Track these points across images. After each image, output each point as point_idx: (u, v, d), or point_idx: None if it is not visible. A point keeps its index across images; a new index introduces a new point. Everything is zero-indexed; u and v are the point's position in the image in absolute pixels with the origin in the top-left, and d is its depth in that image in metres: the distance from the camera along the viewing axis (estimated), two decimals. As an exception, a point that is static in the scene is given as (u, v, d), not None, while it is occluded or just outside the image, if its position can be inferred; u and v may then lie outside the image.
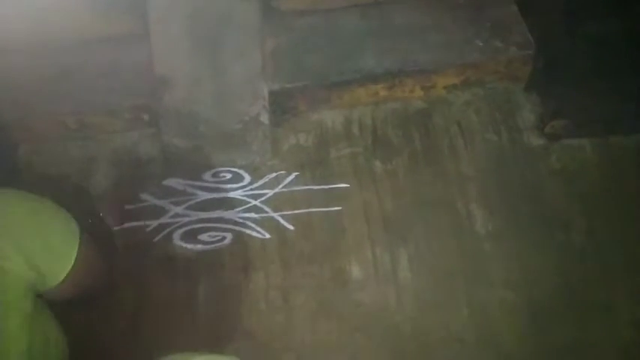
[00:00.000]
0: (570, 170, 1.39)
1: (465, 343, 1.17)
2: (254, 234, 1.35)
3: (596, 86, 1.51)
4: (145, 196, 1.41)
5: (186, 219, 1.38)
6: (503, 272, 1.26)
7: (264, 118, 1.47)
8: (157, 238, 1.35)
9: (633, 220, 1.29)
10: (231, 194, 1.42)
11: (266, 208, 1.39)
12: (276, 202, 1.39)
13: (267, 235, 1.34)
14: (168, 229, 1.36)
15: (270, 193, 1.41)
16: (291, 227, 1.35)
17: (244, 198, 1.41)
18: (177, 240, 1.35)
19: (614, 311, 1.19)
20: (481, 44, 1.51)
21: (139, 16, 1.45)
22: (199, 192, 1.42)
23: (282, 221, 1.36)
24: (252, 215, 1.38)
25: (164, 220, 1.38)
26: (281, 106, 1.51)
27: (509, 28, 1.53)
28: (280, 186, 1.42)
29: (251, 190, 1.42)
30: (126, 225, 1.37)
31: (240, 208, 1.39)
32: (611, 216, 1.30)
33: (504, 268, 1.26)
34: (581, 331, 1.18)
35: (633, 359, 1.14)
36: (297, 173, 1.43)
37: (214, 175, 1.44)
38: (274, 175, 1.43)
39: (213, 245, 1.33)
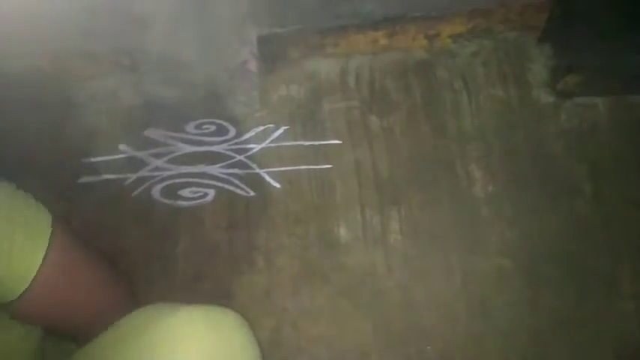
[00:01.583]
0: (580, 131, 1.28)
1: (456, 312, 1.12)
2: (238, 191, 1.27)
3: (617, 40, 1.37)
4: (123, 147, 1.33)
5: (167, 173, 1.30)
6: (500, 239, 1.18)
7: (252, 65, 1.36)
8: (135, 193, 1.28)
9: (646, 187, 1.20)
10: (215, 148, 1.33)
11: (251, 164, 1.30)
12: (262, 158, 1.30)
13: (252, 193, 1.27)
14: (147, 183, 1.29)
15: (256, 147, 1.32)
16: (277, 185, 1.27)
17: (229, 152, 1.32)
18: (156, 195, 1.27)
19: (615, 284, 1.13)
20: (492, -12, 1.36)
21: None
22: (181, 144, 1.33)
23: (268, 178, 1.28)
24: (237, 171, 1.30)
25: (143, 173, 1.30)
26: (271, 52, 1.39)
27: (525, -29, 1.38)
28: (267, 140, 1.33)
29: (236, 144, 1.33)
30: (103, 177, 1.29)
31: (224, 163, 1.31)
32: (620, 183, 1.21)
33: (502, 235, 1.18)
34: (580, 302, 1.11)
35: (632, 333, 1.08)
36: (286, 127, 1.33)
37: (197, 126, 1.35)
38: (261, 128, 1.34)
39: (194, 202, 1.26)
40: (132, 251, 1.21)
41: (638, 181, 1.22)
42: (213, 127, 1.35)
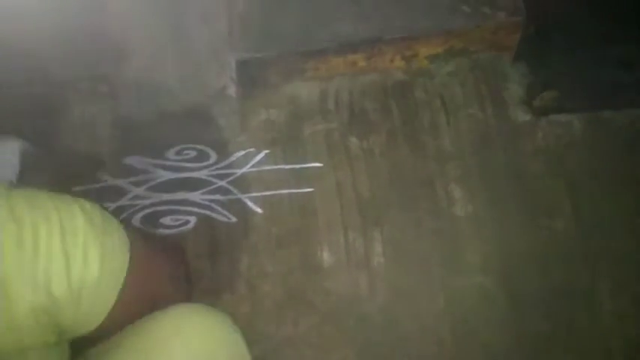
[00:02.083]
0: (557, 149, 1.30)
1: (439, 334, 1.12)
2: (220, 217, 1.26)
3: (589, 56, 1.41)
4: (102, 175, 1.32)
5: (148, 201, 1.29)
6: (481, 258, 1.19)
7: (232, 90, 1.37)
8: (115, 222, 1.26)
9: (621, 205, 1.22)
10: (196, 174, 1.32)
11: (233, 190, 1.30)
12: (243, 183, 1.30)
13: (234, 219, 1.26)
14: (127, 212, 1.27)
15: (237, 172, 1.32)
16: (259, 210, 1.27)
17: (210, 178, 1.31)
18: (137, 223, 1.26)
19: (596, 300, 1.14)
20: (467, 10, 1.39)
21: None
22: (162, 171, 1.33)
23: (249, 203, 1.28)
24: (218, 197, 1.29)
25: (123, 202, 1.29)
26: (250, 77, 1.40)
27: (498, -8, 1.41)
28: (249, 165, 1.33)
29: (217, 169, 1.32)
30: (82, 207, 1.27)
31: (206, 190, 1.30)
32: (598, 200, 1.23)
33: (483, 254, 1.19)
34: (562, 320, 1.12)
35: (615, 350, 1.09)
36: (267, 151, 1.34)
37: (178, 152, 1.34)
38: (242, 153, 1.34)
39: (176, 229, 1.25)
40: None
41: (615, 197, 1.24)
42: (193, 153, 1.34)
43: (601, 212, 1.22)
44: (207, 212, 1.27)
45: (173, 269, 0.87)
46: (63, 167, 1.32)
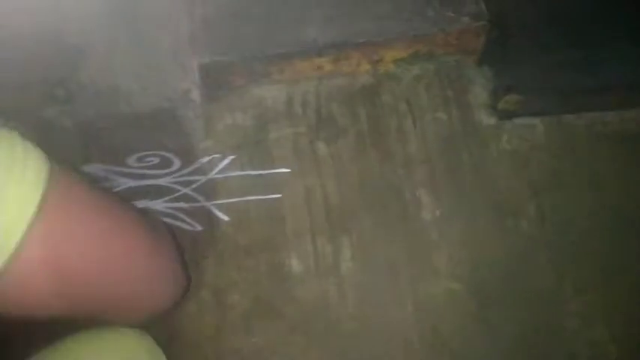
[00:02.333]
0: (521, 152, 1.32)
1: (409, 340, 1.11)
2: (184, 226, 1.23)
3: (552, 60, 1.44)
4: (60, 183, 1.26)
5: (108, 210, 1.24)
6: (449, 262, 1.19)
7: (195, 94, 1.33)
8: (74, 232, 1.21)
9: (584, 207, 1.24)
10: (159, 181, 1.28)
11: (198, 197, 1.26)
12: (209, 190, 1.27)
13: (199, 227, 1.23)
14: (87, 222, 1.22)
15: (202, 179, 1.28)
16: (225, 218, 1.24)
17: (173, 185, 1.27)
18: (97, 234, 1.21)
19: (561, 302, 1.16)
20: (432, 14, 1.40)
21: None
22: (123, 179, 1.28)
23: (215, 211, 1.25)
24: (182, 205, 1.25)
25: (82, 211, 1.23)
26: (214, 80, 1.36)
27: (462, -3, 1.42)
28: (214, 171, 1.29)
29: (181, 176, 1.28)
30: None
31: (169, 197, 1.26)
32: (561, 202, 1.25)
33: (451, 258, 1.20)
34: (529, 322, 1.14)
35: (580, 353, 1.11)
36: (232, 156, 1.31)
37: (139, 159, 1.30)
38: (207, 159, 1.30)
39: (138, 239, 1.20)
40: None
41: (578, 199, 1.27)
42: (156, 160, 1.30)
43: (565, 214, 1.24)
44: (171, 221, 1.23)
45: (172, 251, 0.68)
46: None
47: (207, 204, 1.26)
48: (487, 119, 1.38)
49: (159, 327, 1.08)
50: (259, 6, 1.40)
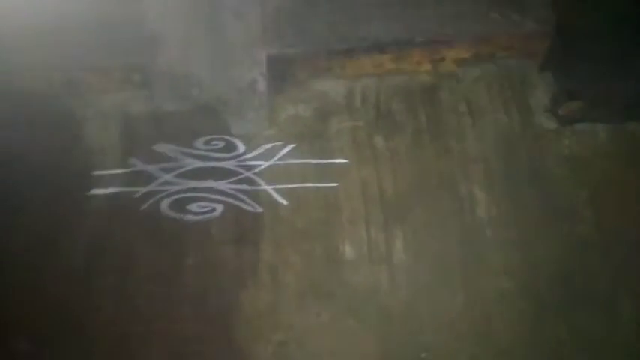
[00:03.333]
0: (581, 157, 1.32)
1: (457, 330, 1.13)
2: (245, 207, 1.29)
3: (616, 69, 1.42)
4: (133, 160, 1.35)
5: (176, 187, 1.32)
6: (502, 260, 1.20)
7: (262, 84, 1.39)
8: (144, 206, 1.29)
9: (643, 214, 1.23)
10: (223, 164, 1.35)
11: (259, 181, 1.32)
12: (270, 175, 1.33)
13: (259, 209, 1.28)
14: (156, 197, 1.30)
15: (264, 164, 1.34)
16: (284, 202, 1.29)
17: (237, 169, 1.34)
18: (165, 209, 1.29)
19: (615, 307, 1.14)
20: (497, 16, 1.41)
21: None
22: (190, 159, 1.36)
23: (275, 195, 1.30)
24: (245, 187, 1.32)
25: (153, 187, 1.32)
26: (280, 73, 1.43)
27: (528, 1, 1.43)
28: (275, 158, 1.35)
29: (244, 160, 1.35)
30: (113, 190, 1.31)
31: (232, 179, 1.33)
32: (619, 208, 1.24)
33: (504, 256, 1.21)
34: (579, 325, 1.13)
35: (634, 356, 1.09)
36: (293, 145, 1.36)
37: (206, 142, 1.37)
38: (270, 146, 1.36)
39: (202, 216, 1.28)
40: (139, 264, 1.22)
41: (636, 208, 1.25)
42: (221, 144, 1.37)
43: (621, 221, 1.23)
44: (234, 201, 1.29)
45: None
46: (92, 153, 1.36)
47: (268, 188, 1.31)
48: (547, 123, 1.38)
49: (218, 300, 1.15)
50: (327, 3, 1.45)
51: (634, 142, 1.34)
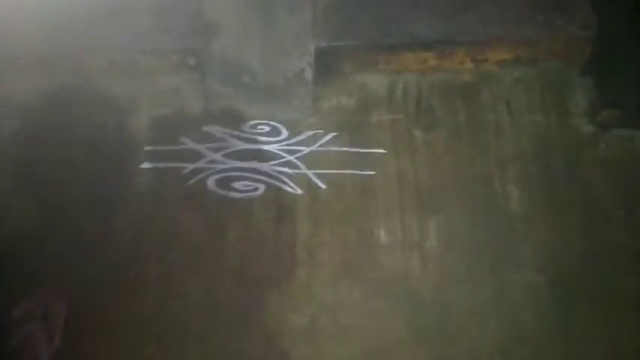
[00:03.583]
0: (617, 161, 1.34)
1: (485, 318, 1.17)
2: (286, 188, 1.36)
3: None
4: (184, 139, 1.43)
5: (222, 166, 1.40)
6: (533, 255, 1.24)
7: (308, 74, 1.46)
8: (191, 181, 1.37)
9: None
10: (268, 147, 1.42)
11: (300, 165, 1.39)
12: (311, 160, 1.39)
13: (299, 191, 1.35)
14: (203, 174, 1.38)
15: (305, 150, 1.41)
16: (323, 186, 1.36)
17: (280, 152, 1.41)
18: (211, 185, 1.37)
19: (642, 308, 1.16)
20: (541, 20, 1.45)
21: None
22: (237, 141, 1.43)
23: (315, 179, 1.37)
24: (287, 170, 1.39)
25: (200, 164, 1.40)
26: (326, 64, 1.49)
27: (572, 5, 1.46)
28: (317, 144, 1.42)
29: (287, 145, 1.42)
30: (164, 164, 1.40)
31: (276, 162, 1.40)
32: (654, 212, 1.25)
33: (535, 252, 1.24)
34: (607, 323, 1.15)
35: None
36: (334, 134, 1.42)
37: (253, 126, 1.45)
38: (312, 133, 1.43)
39: (245, 194, 1.35)
40: (183, 235, 1.30)
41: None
42: (267, 128, 1.45)
43: (656, 225, 1.25)
44: (276, 182, 1.37)
45: None
46: (145, 130, 1.45)
47: (308, 172, 1.38)
48: (586, 127, 1.41)
49: (257, 272, 1.22)
50: (374, 1, 1.51)
51: (671, 150, 1.35)
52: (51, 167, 1.38)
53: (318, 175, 1.37)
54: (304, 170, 1.39)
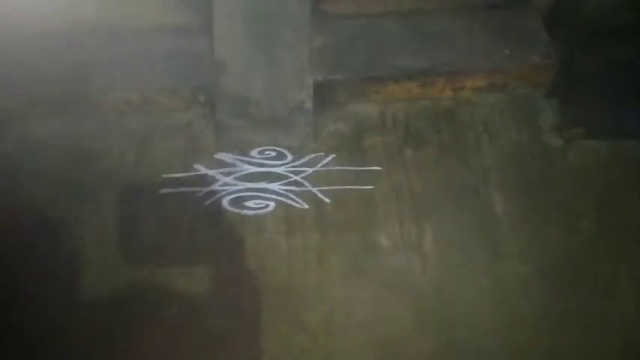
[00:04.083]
0: (585, 168, 1.52)
1: (482, 306, 1.30)
2: (294, 204, 1.50)
3: (610, 98, 1.66)
4: (197, 166, 1.58)
5: (234, 187, 1.54)
6: (519, 249, 1.39)
7: (308, 105, 1.64)
8: (207, 202, 1.51)
9: (637, 213, 1.42)
10: (275, 169, 1.58)
11: (306, 183, 1.54)
12: (314, 179, 1.54)
13: (306, 206, 1.49)
14: (217, 195, 1.52)
15: (309, 170, 1.57)
16: (327, 200, 1.50)
17: (286, 173, 1.56)
18: (226, 205, 1.51)
19: (617, 287, 1.32)
20: (508, 51, 1.67)
21: (197, 10, 1.67)
22: (247, 165, 1.59)
23: (319, 195, 1.52)
24: (293, 188, 1.54)
25: (215, 187, 1.54)
26: (323, 96, 1.68)
27: (534, 39, 1.69)
28: (319, 165, 1.58)
29: (293, 167, 1.58)
30: (181, 189, 1.53)
31: (283, 182, 1.55)
32: (619, 209, 1.44)
33: (520, 246, 1.39)
34: (588, 301, 1.30)
35: (634, 329, 1.25)
36: (334, 155, 1.59)
37: (260, 152, 1.61)
38: (314, 155, 1.59)
39: (257, 211, 1.49)
40: (203, 247, 1.42)
41: (632, 208, 1.44)
42: (273, 153, 1.61)
43: (621, 220, 1.42)
44: (284, 199, 1.51)
45: None
46: (163, 158, 1.59)
47: (313, 189, 1.53)
48: (555, 141, 1.60)
49: (272, 277, 1.34)
50: (363, 38, 1.73)
51: (629, 157, 1.55)
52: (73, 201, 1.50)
53: (322, 191, 1.52)
54: (310, 188, 1.54)
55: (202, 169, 1.58)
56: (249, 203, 1.51)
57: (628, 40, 1.72)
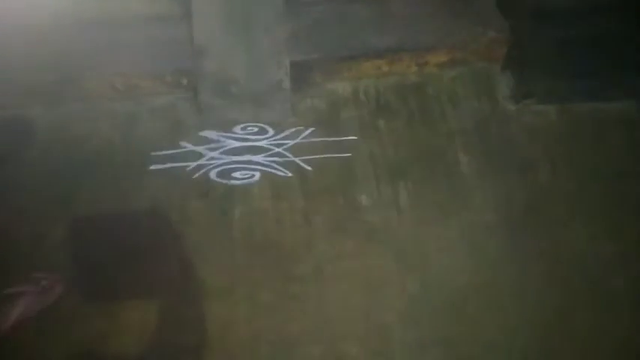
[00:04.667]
0: (538, 128, 1.70)
1: (455, 251, 1.45)
2: (279, 173, 1.61)
3: (557, 69, 1.84)
4: (184, 143, 1.67)
5: (221, 161, 1.64)
6: (485, 202, 1.54)
7: (286, 84, 1.76)
8: (196, 175, 1.60)
9: (586, 163, 1.61)
10: (258, 143, 1.69)
11: (288, 154, 1.66)
12: (296, 150, 1.66)
13: (290, 174, 1.61)
14: (205, 169, 1.62)
15: (290, 142, 1.68)
16: (309, 168, 1.62)
17: (269, 146, 1.68)
18: (213, 177, 1.61)
19: (572, 227, 1.49)
20: (466, 29, 1.83)
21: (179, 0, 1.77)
22: (230, 141, 1.69)
23: (301, 164, 1.63)
24: (277, 159, 1.65)
25: (202, 161, 1.64)
26: (300, 75, 1.80)
27: (489, 17, 1.86)
28: (299, 138, 1.69)
29: (275, 140, 1.69)
30: (169, 164, 1.62)
31: (266, 154, 1.66)
32: (569, 161, 1.61)
33: (486, 199, 1.55)
34: (548, 241, 1.47)
35: (587, 263, 1.42)
36: (313, 128, 1.71)
37: (243, 128, 1.72)
38: (294, 129, 1.71)
39: (244, 181, 1.60)
40: (196, 219, 1.51)
41: (582, 159, 1.63)
42: (255, 129, 1.71)
43: (572, 169, 1.60)
44: (269, 169, 1.62)
45: None
46: (149, 140, 1.68)
47: (295, 159, 1.65)
48: (510, 106, 1.77)
49: (263, 238, 1.45)
50: (333, 23, 1.86)
51: (575, 117, 1.73)
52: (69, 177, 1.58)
53: (304, 161, 1.64)
54: (292, 158, 1.65)
55: (189, 146, 1.67)
56: (236, 174, 1.61)
57: (571, 20, 1.90)
